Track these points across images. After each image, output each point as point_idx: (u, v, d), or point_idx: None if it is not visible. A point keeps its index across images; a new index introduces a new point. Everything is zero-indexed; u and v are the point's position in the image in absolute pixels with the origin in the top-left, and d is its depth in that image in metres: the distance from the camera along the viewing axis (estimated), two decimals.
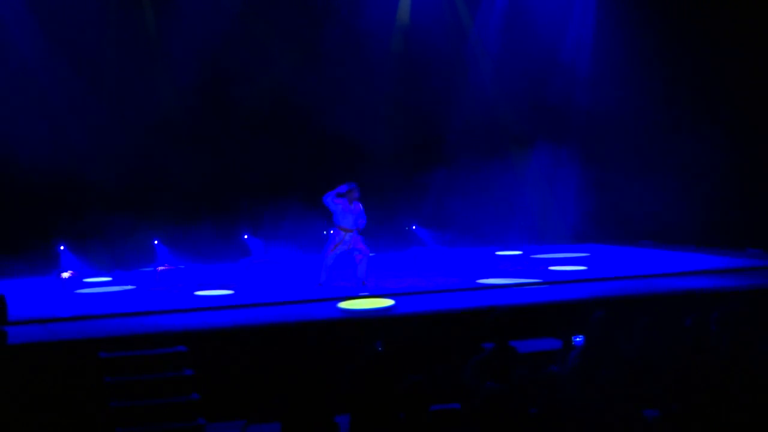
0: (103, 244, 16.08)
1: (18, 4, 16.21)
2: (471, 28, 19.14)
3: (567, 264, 15.22)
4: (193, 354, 9.45)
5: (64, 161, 15.82)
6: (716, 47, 16.36)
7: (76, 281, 14.95)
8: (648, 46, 17.25)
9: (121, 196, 16.38)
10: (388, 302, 11.29)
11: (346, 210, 12.93)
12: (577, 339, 8.02)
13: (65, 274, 15.47)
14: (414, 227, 18.08)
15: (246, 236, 17.59)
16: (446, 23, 18.87)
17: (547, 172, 19.17)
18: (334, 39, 18.22)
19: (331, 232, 13.24)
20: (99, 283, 14.88)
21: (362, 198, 17.68)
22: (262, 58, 17.73)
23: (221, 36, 17.04)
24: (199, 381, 9.24)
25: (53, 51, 16.26)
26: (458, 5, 19.02)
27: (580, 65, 18.86)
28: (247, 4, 17.71)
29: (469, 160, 17.89)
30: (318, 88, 17.54)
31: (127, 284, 14.50)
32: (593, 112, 18.50)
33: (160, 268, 15.96)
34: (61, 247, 16.10)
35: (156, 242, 16.72)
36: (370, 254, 13.15)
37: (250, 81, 17.54)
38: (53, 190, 15.81)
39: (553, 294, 11.80)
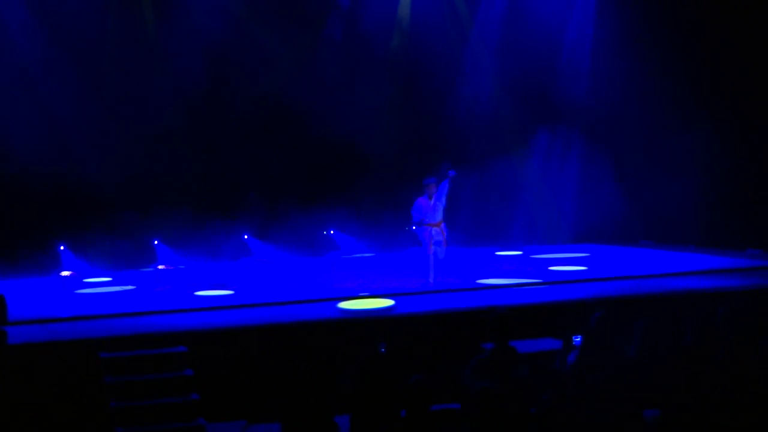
0: (103, 244, 16.08)
1: (18, 5, 16.22)
2: (471, 27, 19.14)
3: (567, 264, 15.22)
4: (193, 354, 9.45)
5: (64, 162, 15.85)
6: (717, 47, 16.36)
7: (76, 281, 14.95)
8: (649, 46, 17.26)
9: (121, 197, 16.39)
10: (388, 302, 11.29)
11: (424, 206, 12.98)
12: (577, 339, 8.01)
13: (65, 273, 15.49)
14: (414, 228, 18.08)
15: (246, 236, 17.60)
16: (446, 22, 18.87)
17: (547, 172, 19.18)
18: (334, 39, 18.24)
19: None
20: (99, 283, 14.89)
21: (362, 198, 17.77)
22: (262, 59, 17.77)
23: (221, 38, 17.04)
24: (199, 381, 9.24)
25: (53, 52, 16.26)
26: (457, 3, 19.01)
27: (581, 65, 18.86)
28: (247, 7, 17.71)
29: (469, 160, 17.88)
30: (318, 89, 17.55)
31: (127, 284, 14.50)
32: (593, 112, 18.51)
33: (161, 266, 15.96)
34: (61, 247, 16.11)
35: (156, 242, 16.73)
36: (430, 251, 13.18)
37: (250, 82, 17.57)
38: (53, 190, 15.83)
39: (553, 294, 11.80)
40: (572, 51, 18.94)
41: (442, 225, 13.15)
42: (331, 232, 18.04)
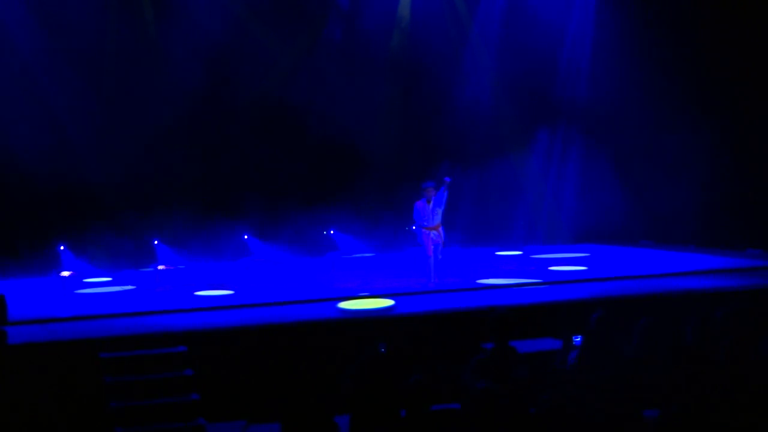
0: (103, 244, 16.08)
1: (18, 5, 16.22)
2: (471, 26, 19.14)
3: (567, 264, 15.22)
4: (193, 354, 9.45)
5: (64, 162, 15.84)
6: (717, 47, 16.36)
7: (76, 281, 14.95)
8: (649, 46, 17.25)
9: (121, 197, 16.39)
10: (388, 302, 11.29)
11: (423, 210, 13.03)
12: (577, 339, 8.01)
13: (64, 274, 15.49)
14: (413, 228, 18.10)
15: (246, 236, 17.59)
16: (446, 22, 18.87)
17: (547, 172, 19.19)
18: (334, 39, 18.25)
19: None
20: (99, 283, 14.89)
21: (362, 198, 17.77)
22: (262, 59, 17.75)
23: (221, 38, 17.05)
24: (199, 381, 9.24)
25: (53, 52, 16.26)
26: (457, 3, 19.01)
27: (581, 65, 18.86)
28: (247, 7, 17.71)
29: (469, 160, 17.91)
30: (318, 89, 17.56)
31: (127, 284, 14.50)
32: (593, 112, 18.51)
33: (160, 267, 15.96)
34: (61, 247, 16.11)
35: (156, 242, 16.73)
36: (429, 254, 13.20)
37: (250, 82, 17.56)
38: (53, 190, 15.82)
39: (553, 294, 11.80)
40: (572, 50, 18.94)
41: (441, 228, 13.18)
42: (331, 232, 18.04)
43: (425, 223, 13.08)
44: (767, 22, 15.86)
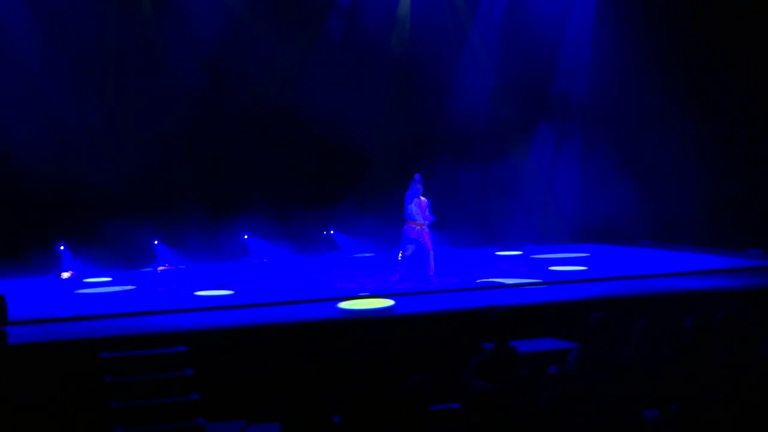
0: (103, 244, 16.08)
1: (18, 5, 16.22)
2: (471, 25, 19.14)
3: (567, 264, 15.22)
4: (193, 354, 9.45)
5: (64, 161, 15.84)
6: (718, 45, 16.36)
7: (76, 281, 14.95)
8: (649, 45, 17.25)
9: (121, 197, 16.39)
10: (388, 302, 11.29)
11: (416, 205, 13.02)
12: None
13: (65, 274, 15.49)
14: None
15: (246, 236, 17.59)
16: (446, 21, 18.88)
17: (547, 171, 19.18)
18: (334, 39, 18.26)
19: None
20: (99, 283, 14.89)
21: (362, 198, 17.76)
22: (263, 59, 17.75)
23: (221, 38, 17.06)
24: (199, 381, 9.24)
25: (53, 52, 16.26)
26: (457, 2, 19.01)
27: (581, 65, 18.86)
28: (247, 7, 17.72)
29: (470, 159, 17.90)
30: (318, 89, 17.56)
31: (127, 284, 14.50)
32: (593, 111, 18.50)
33: (161, 268, 15.97)
34: (61, 247, 16.11)
35: (156, 242, 16.73)
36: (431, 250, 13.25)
37: (250, 82, 17.56)
38: (53, 190, 15.82)
39: (553, 294, 11.79)
40: (572, 49, 18.94)
41: (426, 226, 13.22)
42: (331, 232, 18.04)
43: (415, 218, 13.12)
44: (767, 22, 15.87)
